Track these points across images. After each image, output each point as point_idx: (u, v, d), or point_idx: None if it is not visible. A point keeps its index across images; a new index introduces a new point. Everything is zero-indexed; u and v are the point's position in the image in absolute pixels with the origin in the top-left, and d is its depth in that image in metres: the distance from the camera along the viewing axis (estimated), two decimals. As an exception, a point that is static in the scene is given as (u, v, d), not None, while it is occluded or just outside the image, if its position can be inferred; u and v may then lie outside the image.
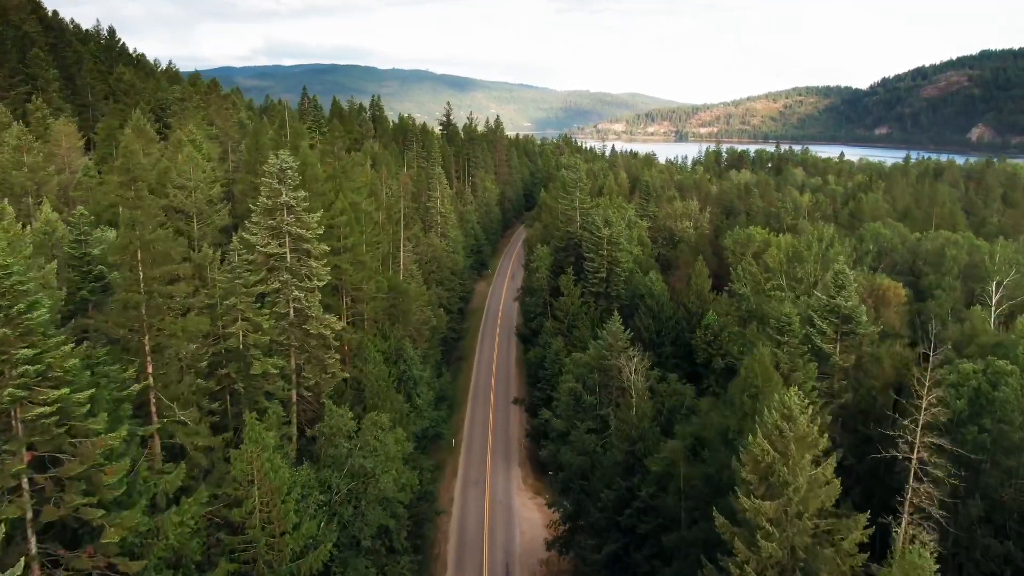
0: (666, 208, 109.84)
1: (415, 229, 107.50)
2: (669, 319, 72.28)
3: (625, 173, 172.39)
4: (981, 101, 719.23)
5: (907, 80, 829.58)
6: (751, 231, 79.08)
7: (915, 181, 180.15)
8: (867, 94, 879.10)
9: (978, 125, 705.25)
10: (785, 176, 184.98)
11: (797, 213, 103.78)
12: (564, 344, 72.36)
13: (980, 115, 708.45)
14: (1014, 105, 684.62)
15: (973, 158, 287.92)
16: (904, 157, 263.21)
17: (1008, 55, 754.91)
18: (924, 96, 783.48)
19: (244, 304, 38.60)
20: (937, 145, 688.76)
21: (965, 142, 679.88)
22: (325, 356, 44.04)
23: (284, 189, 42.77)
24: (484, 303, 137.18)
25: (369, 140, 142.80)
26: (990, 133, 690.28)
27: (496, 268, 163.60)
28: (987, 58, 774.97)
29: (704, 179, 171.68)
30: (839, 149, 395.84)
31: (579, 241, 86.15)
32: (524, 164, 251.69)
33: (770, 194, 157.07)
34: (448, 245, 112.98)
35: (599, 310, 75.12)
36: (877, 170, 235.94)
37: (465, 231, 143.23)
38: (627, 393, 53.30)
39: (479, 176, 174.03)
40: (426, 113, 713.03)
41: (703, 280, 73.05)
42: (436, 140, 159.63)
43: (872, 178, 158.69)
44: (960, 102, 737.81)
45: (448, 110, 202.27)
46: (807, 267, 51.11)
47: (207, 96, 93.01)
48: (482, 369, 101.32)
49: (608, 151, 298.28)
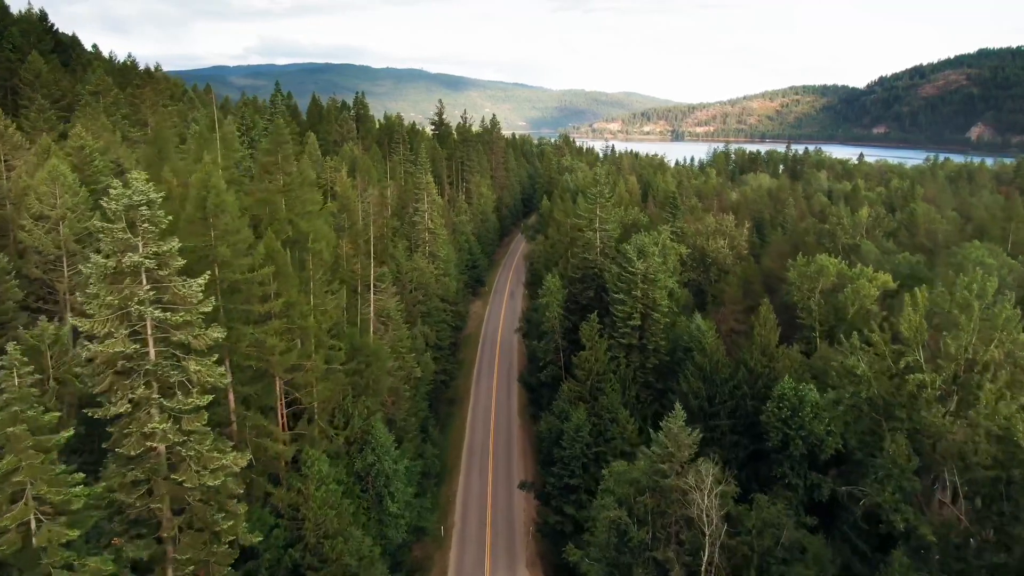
0: (695, 224, 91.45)
1: (399, 248, 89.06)
2: (725, 382, 54.06)
3: (635, 178, 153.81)
4: (980, 100, 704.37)
5: (905, 79, 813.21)
6: (821, 261, 60.84)
7: (952, 186, 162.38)
8: (864, 93, 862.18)
9: (977, 124, 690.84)
10: (809, 180, 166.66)
11: (855, 230, 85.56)
12: (588, 415, 54.06)
13: (979, 114, 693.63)
14: (1013, 104, 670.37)
15: (976, 158, 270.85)
16: (926, 158, 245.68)
17: (1006, 53, 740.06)
18: (922, 95, 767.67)
19: (40, 463, 20.19)
20: (936, 144, 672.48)
21: (964, 141, 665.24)
22: (215, 518, 25.63)
23: (139, 240, 24.36)
24: (480, 328, 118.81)
25: (349, 143, 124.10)
26: (990, 132, 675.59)
27: (493, 284, 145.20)
28: (985, 57, 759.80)
29: (723, 185, 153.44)
30: (838, 148, 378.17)
31: (599, 270, 67.88)
32: (522, 166, 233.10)
33: (800, 202, 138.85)
34: (438, 267, 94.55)
35: (631, 368, 56.79)
36: (899, 172, 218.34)
37: (458, 245, 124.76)
38: (695, 525, 35.24)
39: (474, 181, 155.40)
40: (420, 112, 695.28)
41: (769, 330, 54.75)
42: (426, 142, 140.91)
43: (913, 184, 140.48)
44: (959, 101, 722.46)
45: (440, 109, 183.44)
46: (963, 338, 33.74)
47: (140, 89, 74.29)
48: (478, 422, 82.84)
49: (607, 152, 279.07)
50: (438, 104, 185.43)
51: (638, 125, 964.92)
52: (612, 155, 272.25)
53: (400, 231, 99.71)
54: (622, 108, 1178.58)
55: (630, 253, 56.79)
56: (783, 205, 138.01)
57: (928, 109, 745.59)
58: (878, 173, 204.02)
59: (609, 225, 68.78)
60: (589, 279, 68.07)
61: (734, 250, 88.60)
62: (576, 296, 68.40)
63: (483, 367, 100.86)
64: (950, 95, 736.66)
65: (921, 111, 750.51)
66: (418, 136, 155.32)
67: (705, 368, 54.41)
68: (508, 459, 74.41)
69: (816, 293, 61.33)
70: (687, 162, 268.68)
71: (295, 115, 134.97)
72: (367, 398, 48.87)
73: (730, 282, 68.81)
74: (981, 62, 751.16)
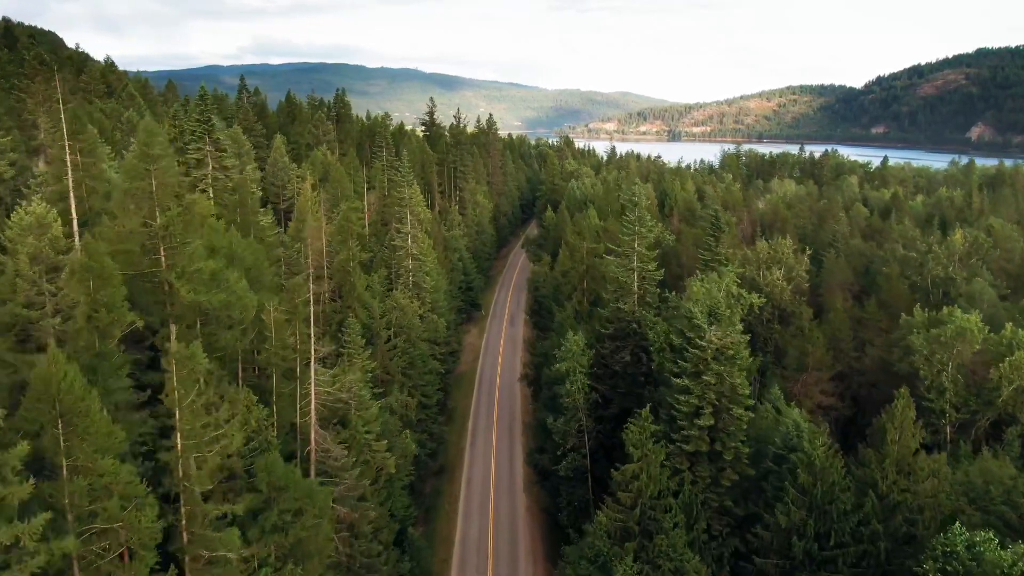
0: (743, 249, 72.75)
1: (375, 281, 70.11)
2: (845, 516, 35.47)
3: (651, 186, 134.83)
4: (980, 100, 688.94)
5: (903, 78, 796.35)
6: (960, 320, 42.24)
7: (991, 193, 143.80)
8: (862, 93, 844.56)
9: (977, 124, 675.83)
10: (840, 188, 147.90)
11: (949, 260, 66.85)
12: (636, 559, 35.34)
13: (979, 114, 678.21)
14: (1014, 103, 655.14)
15: (979, 158, 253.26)
16: (951, 160, 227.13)
17: (1005, 53, 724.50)
18: (921, 95, 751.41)
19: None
20: (936, 144, 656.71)
21: (965, 141, 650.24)
22: None
23: None
24: (476, 365, 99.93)
25: (322, 147, 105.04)
26: (990, 132, 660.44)
27: (491, 306, 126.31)
28: (984, 56, 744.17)
29: (750, 194, 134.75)
30: (838, 148, 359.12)
31: (638, 324, 49.10)
32: (520, 169, 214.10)
33: (837, 213, 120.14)
34: (424, 302, 75.79)
35: (700, 487, 37.95)
36: (927, 176, 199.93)
37: (450, 265, 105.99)
38: None
39: (468, 189, 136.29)
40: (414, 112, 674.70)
41: (907, 434, 36.13)
42: (412, 146, 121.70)
43: (973, 193, 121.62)
44: (958, 101, 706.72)
45: (431, 107, 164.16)
46: None
47: (28, 80, 55.06)
48: (473, 506, 63.94)
49: (610, 153, 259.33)
50: (429, 103, 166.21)
51: (634, 125, 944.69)
52: (616, 157, 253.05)
53: (380, 257, 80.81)
54: (618, 108, 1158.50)
55: (696, 316, 37.81)
56: (826, 218, 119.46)
57: (927, 109, 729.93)
58: (910, 178, 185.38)
59: (652, 265, 49.88)
60: (624, 336, 49.30)
61: (791, 282, 69.88)
62: (606, 359, 49.62)
63: (480, 421, 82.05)
64: (949, 95, 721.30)
65: (920, 111, 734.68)
66: (406, 137, 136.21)
67: (813, 493, 35.77)
68: (513, 563, 55.72)
69: (949, 366, 42.61)
70: (694, 164, 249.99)
71: (262, 114, 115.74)
72: (307, 566, 29.99)
73: (813, 339, 49.95)
74: (980, 62, 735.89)
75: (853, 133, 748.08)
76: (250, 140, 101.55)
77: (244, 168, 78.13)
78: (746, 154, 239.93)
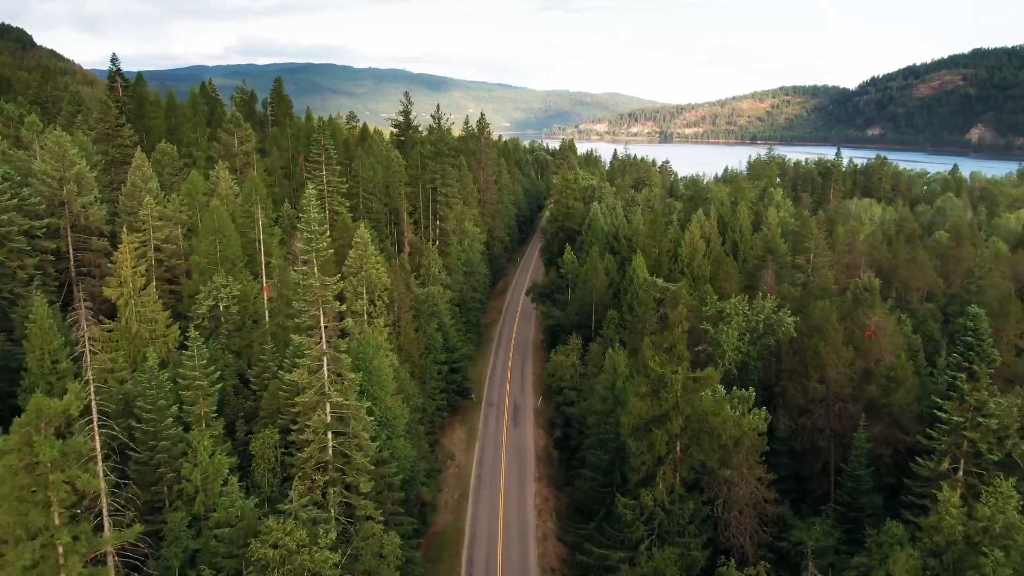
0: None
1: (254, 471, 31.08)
2: None
3: (713, 220, 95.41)
4: (978, 101, 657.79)
5: (898, 79, 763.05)
6: None
7: None
8: (856, 94, 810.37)
9: (977, 125, 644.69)
10: (945, 211, 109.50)
11: None
12: None
13: (978, 115, 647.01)
14: (1015, 104, 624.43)
15: (983, 161, 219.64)
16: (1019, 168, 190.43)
17: (1002, 53, 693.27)
18: (917, 96, 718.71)
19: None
20: (935, 146, 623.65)
21: (965, 143, 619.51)
22: None
23: None
24: (464, 519, 60.46)
25: (221, 164, 65.10)
26: (991, 134, 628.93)
27: (485, 384, 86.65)
28: (980, 57, 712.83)
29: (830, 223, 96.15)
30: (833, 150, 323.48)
31: None
32: (517, 179, 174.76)
33: (983, 260, 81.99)
34: (370, 443, 36.64)
35: None
36: (1003, 188, 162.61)
37: (424, 344, 67.24)
38: None
39: (453, 215, 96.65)
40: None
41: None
42: (383, 151, 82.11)
43: None
44: (956, 102, 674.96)
45: (406, 106, 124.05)
46: None
47: None
48: None
49: (628, 157, 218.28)
50: (404, 99, 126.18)
51: (625, 126, 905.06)
52: (629, 160, 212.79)
53: (268, 407, 41.27)
54: (607, 109, 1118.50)
55: None
56: (958, 261, 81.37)
57: (924, 110, 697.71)
58: (990, 193, 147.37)
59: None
60: None
61: None
62: None
63: None
64: (946, 96, 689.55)
65: (917, 112, 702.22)
66: (366, 144, 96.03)
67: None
68: None
69: None
70: (717, 173, 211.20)
71: (140, 113, 75.42)
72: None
73: None
74: (976, 62, 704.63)
75: (848, 135, 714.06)
76: (102, 149, 62.00)
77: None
78: (773, 158, 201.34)
